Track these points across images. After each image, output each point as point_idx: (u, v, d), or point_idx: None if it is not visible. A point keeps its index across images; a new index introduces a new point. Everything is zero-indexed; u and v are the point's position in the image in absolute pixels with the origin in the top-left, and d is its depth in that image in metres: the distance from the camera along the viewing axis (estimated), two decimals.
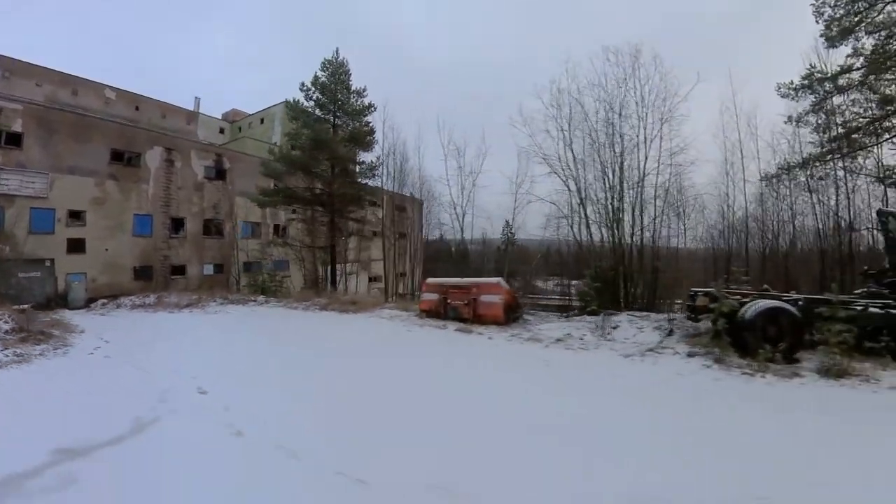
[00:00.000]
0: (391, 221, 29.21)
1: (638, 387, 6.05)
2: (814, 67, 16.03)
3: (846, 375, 6.31)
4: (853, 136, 15.77)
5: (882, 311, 7.53)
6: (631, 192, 14.01)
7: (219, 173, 27.33)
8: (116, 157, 21.33)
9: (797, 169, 17.38)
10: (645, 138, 14.32)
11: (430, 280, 12.75)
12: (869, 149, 16.24)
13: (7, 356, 7.12)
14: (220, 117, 54.43)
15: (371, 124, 21.57)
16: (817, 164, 17.02)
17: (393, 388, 5.96)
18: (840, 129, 16.33)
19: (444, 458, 3.61)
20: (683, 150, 14.70)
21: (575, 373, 6.81)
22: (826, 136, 16.92)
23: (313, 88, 20.06)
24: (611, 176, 13.89)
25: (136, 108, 40.43)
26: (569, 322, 10.74)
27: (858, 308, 7.51)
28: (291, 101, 19.51)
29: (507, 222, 27.50)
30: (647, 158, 14.30)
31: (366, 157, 22.87)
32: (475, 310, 10.88)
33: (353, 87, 21.05)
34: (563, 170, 15.01)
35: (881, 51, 14.14)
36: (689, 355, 7.62)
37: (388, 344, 9.23)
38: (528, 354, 7.88)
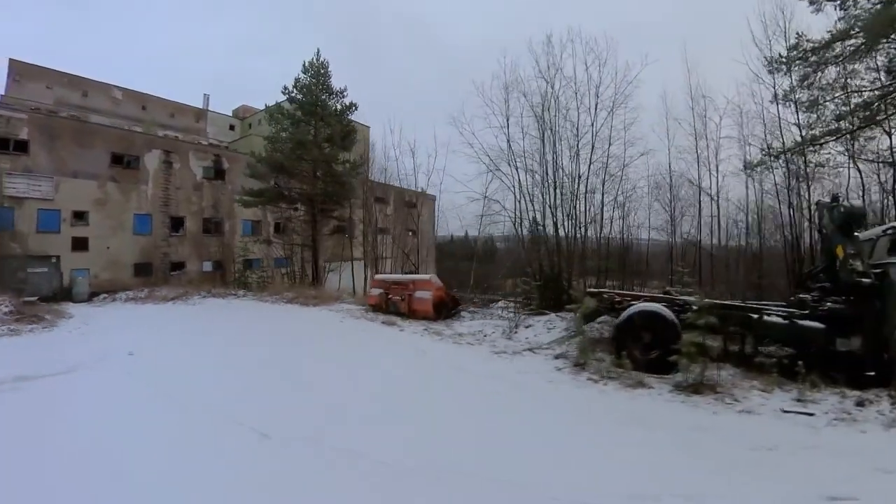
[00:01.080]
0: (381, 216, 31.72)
1: (463, 379, 7.11)
2: (802, 35, 14.78)
3: (704, 391, 6.27)
4: (863, 112, 14.09)
5: (783, 322, 7.17)
6: (575, 186, 15.48)
7: (217, 173, 29.76)
8: (116, 160, 23.90)
9: (785, 154, 16.06)
10: (593, 134, 15.24)
11: (378, 276, 14.92)
12: (880, 127, 14.34)
13: (3, 330, 10.10)
14: (230, 114, 58.86)
15: (352, 123, 24.08)
16: (812, 147, 15.49)
17: (268, 358, 8.30)
18: (843, 107, 14.77)
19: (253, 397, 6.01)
20: (635, 143, 15.85)
21: (429, 361, 8.35)
22: (815, 114, 15.40)
23: (295, 91, 22.72)
24: (552, 172, 15.41)
25: (144, 108, 43.64)
26: (495, 320, 12.05)
27: (754, 316, 7.34)
28: (273, 104, 22.28)
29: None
30: (593, 148, 15.16)
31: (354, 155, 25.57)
32: (410, 305, 12.54)
33: (334, 89, 23.53)
34: (507, 165, 16.13)
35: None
36: (557, 357, 8.38)
37: (310, 331, 11.27)
38: (414, 345, 9.63)
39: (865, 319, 6.51)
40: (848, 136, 15.07)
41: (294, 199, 23.22)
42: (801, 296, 7.75)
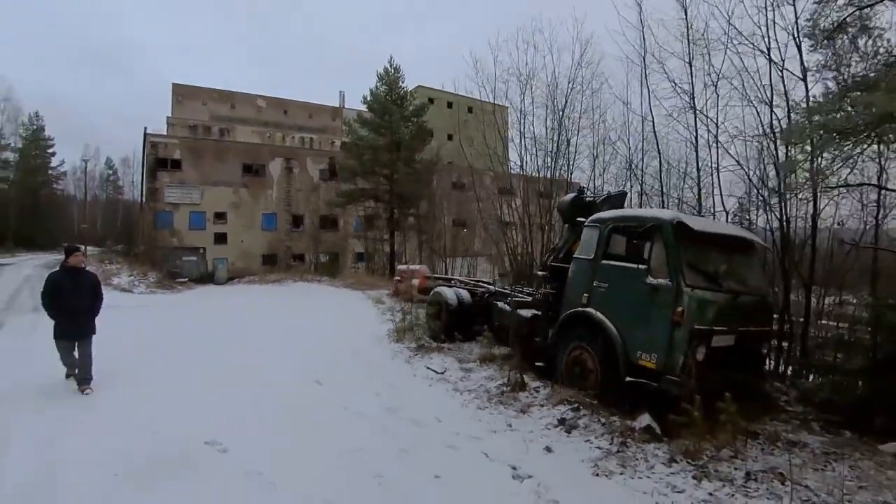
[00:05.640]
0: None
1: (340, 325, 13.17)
2: None
3: (424, 352, 9.24)
4: None
5: (507, 309, 8.56)
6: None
7: (332, 174, 37.29)
8: (247, 169, 33.50)
9: None
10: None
11: (399, 267, 21.19)
12: None
13: (147, 291, 18.56)
14: (365, 108, 70.86)
15: (426, 123, 30.04)
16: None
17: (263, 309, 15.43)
18: None
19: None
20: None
21: (342, 316, 14.74)
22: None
23: (372, 100, 29.50)
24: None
25: (285, 112, 55.74)
26: None
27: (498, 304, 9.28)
28: (354, 116, 30.32)
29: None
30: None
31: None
32: (408, 290, 18.54)
33: (406, 91, 29.59)
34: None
35: None
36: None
37: (321, 300, 17.86)
38: (365, 312, 15.07)
39: (541, 312, 7.67)
40: None
41: (377, 198, 30.73)
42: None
